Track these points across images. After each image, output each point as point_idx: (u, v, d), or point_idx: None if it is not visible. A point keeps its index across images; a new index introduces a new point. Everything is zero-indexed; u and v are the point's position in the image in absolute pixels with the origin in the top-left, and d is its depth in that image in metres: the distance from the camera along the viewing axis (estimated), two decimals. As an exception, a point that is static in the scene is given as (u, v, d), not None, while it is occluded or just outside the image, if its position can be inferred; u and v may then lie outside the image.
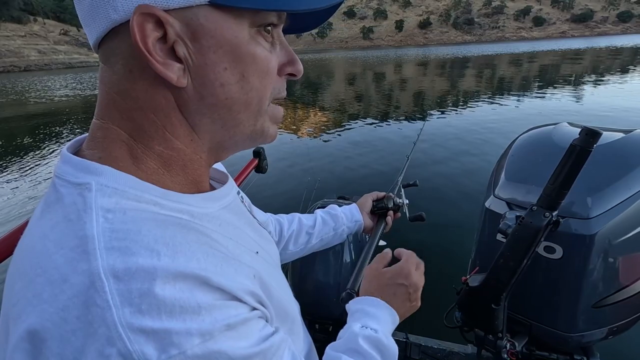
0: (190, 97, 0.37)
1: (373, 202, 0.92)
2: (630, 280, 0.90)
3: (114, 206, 0.32)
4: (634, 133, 0.98)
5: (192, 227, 0.37)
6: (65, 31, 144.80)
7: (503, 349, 0.87)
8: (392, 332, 0.59)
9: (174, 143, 0.39)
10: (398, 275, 0.64)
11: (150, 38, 0.33)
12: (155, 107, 0.37)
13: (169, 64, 0.35)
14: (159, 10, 0.33)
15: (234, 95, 0.39)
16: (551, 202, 0.74)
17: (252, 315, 0.35)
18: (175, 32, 0.34)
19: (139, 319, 0.27)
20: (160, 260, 0.30)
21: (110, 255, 0.29)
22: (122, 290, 0.27)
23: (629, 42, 51.15)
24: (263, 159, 1.31)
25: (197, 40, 0.35)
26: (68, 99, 16.63)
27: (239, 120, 0.41)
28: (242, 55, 0.37)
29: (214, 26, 0.35)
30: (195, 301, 0.30)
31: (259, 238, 0.53)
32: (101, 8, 0.34)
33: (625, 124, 5.36)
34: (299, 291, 1.13)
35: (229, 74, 0.37)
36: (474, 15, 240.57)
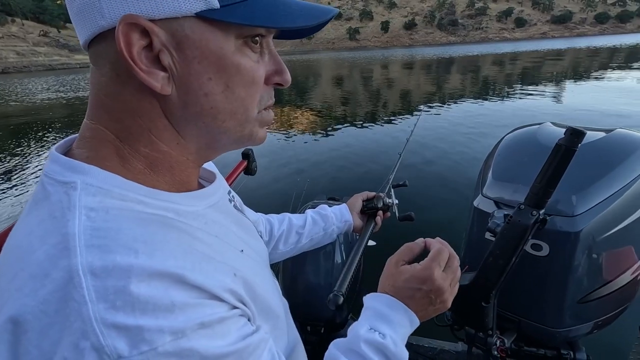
0: (174, 105, 0.38)
1: (363, 202, 0.92)
2: (614, 275, 0.93)
3: (97, 205, 0.33)
4: (614, 132, 1.01)
5: (174, 225, 0.37)
6: (45, 32, 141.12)
7: (493, 346, 0.88)
8: (408, 335, 0.55)
9: (159, 146, 0.40)
10: (415, 279, 0.55)
11: (136, 47, 0.34)
12: (140, 112, 0.38)
13: (154, 72, 0.35)
14: (145, 20, 0.33)
15: (219, 105, 0.39)
16: (538, 201, 0.75)
17: (231, 314, 0.36)
18: (160, 41, 0.35)
19: (113, 314, 0.28)
20: (137, 258, 0.31)
21: (90, 253, 0.30)
22: (98, 286, 0.28)
23: (606, 42, 52.78)
24: (252, 161, 1.30)
25: (182, 51, 0.36)
26: (50, 102, 16.19)
27: (224, 128, 0.41)
28: (226, 66, 0.38)
29: (200, 37, 0.36)
30: (169, 299, 0.30)
31: (246, 236, 0.53)
32: (89, 12, 0.34)
33: (605, 123, 5.52)
34: (290, 293, 1.13)
35: (213, 84, 0.38)
36: (457, 17, 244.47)
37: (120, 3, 0.33)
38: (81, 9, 0.35)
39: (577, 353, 1.01)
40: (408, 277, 0.56)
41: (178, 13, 0.34)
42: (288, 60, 62.02)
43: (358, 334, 0.52)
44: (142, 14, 0.33)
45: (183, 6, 0.34)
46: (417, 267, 0.56)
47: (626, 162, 0.92)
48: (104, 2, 0.33)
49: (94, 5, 0.34)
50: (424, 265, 0.56)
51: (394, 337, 0.52)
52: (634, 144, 0.97)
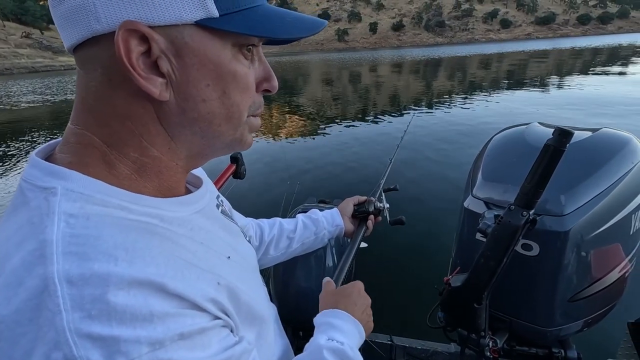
0: (171, 110, 0.38)
1: (354, 206, 0.92)
2: (602, 273, 0.94)
3: (78, 211, 0.32)
4: (600, 132, 1.02)
5: (158, 232, 0.36)
6: (28, 34, 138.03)
7: (486, 347, 0.88)
8: (358, 346, 0.60)
9: (150, 151, 0.39)
10: (355, 288, 0.67)
11: (134, 53, 0.33)
12: (133, 116, 0.37)
13: (152, 78, 0.35)
14: (144, 26, 0.33)
15: (216, 110, 0.40)
16: (528, 201, 0.75)
17: (212, 325, 0.35)
18: (159, 48, 0.35)
19: (88, 324, 0.27)
20: (117, 265, 0.30)
21: (67, 260, 0.29)
22: (74, 295, 0.28)
23: (589, 43, 54.09)
24: (241, 165, 1.28)
25: (181, 57, 0.36)
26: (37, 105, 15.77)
27: (219, 132, 0.42)
28: (223, 73, 0.39)
29: (198, 45, 0.36)
30: (148, 309, 0.30)
31: (234, 242, 0.53)
32: (81, 16, 0.34)
33: (590, 123, 5.64)
34: (281, 298, 1.11)
35: (210, 90, 0.38)
36: (444, 18, 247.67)
37: (119, 8, 0.33)
38: (71, 12, 0.34)
39: (568, 351, 1.01)
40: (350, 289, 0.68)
41: (178, 21, 0.34)
42: (277, 61, 61.99)
43: (319, 345, 0.55)
44: (142, 20, 0.33)
45: (183, 14, 0.34)
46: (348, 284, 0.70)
47: (612, 161, 0.94)
48: (99, 7, 0.33)
49: (88, 9, 0.33)
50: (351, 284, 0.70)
51: (350, 344, 0.57)
52: (619, 142, 0.99)
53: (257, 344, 0.46)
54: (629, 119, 6.29)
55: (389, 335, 1.26)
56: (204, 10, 0.35)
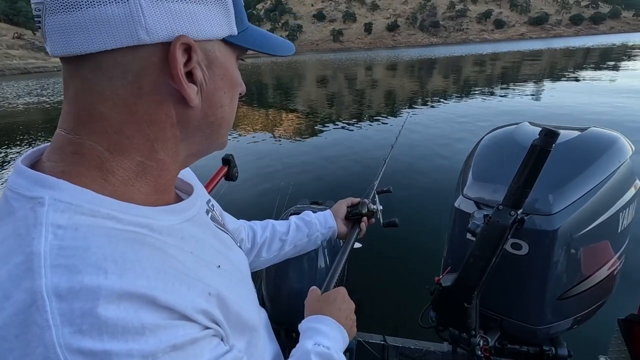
0: (195, 115, 0.42)
1: (347, 208, 0.92)
2: (591, 271, 0.95)
3: (66, 222, 0.32)
4: (588, 131, 1.03)
5: (147, 242, 0.36)
6: (19, 35, 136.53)
7: (477, 346, 0.89)
8: (342, 350, 0.62)
9: (158, 154, 0.40)
10: (342, 298, 0.69)
11: (181, 64, 0.37)
12: (153, 122, 0.39)
13: (190, 86, 0.39)
14: (192, 40, 0.37)
15: (226, 114, 0.45)
16: (516, 201, 0.76)
17: (203, 335, 0.35)
18: (197, 59, 0.39)
19: (79, 339, 0.27)
20: (106, 278, 0.30)
21: (55, 274, 0.28)
22: (64, 309, 0.27)
23: (581, 43, 54.64)
24: (233, 166, 1.28)
25: (211, 68, 0.41)
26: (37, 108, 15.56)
27: (220, 133, 0.47)
28: (234, 81, 0.45)
29: (224, 58, 0.42)
30: (139, 321, 0.30)
31: (225, 249, 0.52)
32: (124, 25, 0.34)
33: (580, 121, 5.70)
34: (274, 300, 1.11)
35: (226, 97, 0.44)
36: (439, 18, 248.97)
37: (170, 23, 0.35)
38: (105, 20, 0.33)
39: (559, 349, 1.02)
40: (334, 295, 0.69)
41: (213, 36, 0.40)
42: (274, 62, 61.85)
43: (306, 350, 0.57)
44: (188, 34, 0.37)
45: (217, 31, 0.40)
46: (333, 290, 0.72)
47: (600, 160, 0.94)
48: (150, 19, 0.34)
49: (136, 20, 0.34)
50: (336, 289, 0.72)
51: (336, 347, 0.59)
52: (607, 141, 1.00)
53: (247, 352, 0.46)
54: (619, 116, 6.37)
55: (382, 335, 1.27)
56: (229, 29, 0.41)
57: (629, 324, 1.20)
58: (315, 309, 0.67)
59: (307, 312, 0.68)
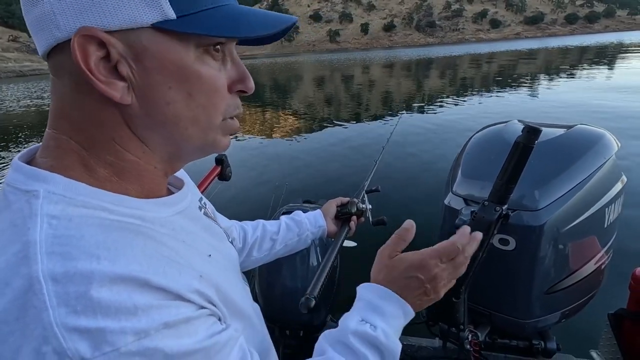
0: (136, 114, 0.38)
1: (337, 207, 0.93)
2: (578, 265, 0.97)
3: (60, 213, 0.33)
4: (574, 128, 1.05)
5: (140, 232, 0.37)
6: (15, 37, 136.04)
7: (465, 340, 0.90)
8: (403, 327, 0.53)
9: (125, 155, 0.40)
10: (412, 268, 0.54)
11: (93, 58, 0.34)
12: (102, 121, 0.38)
13: (112, 82, 0.35)
14: (100, 31, 0.33)
15: (181, 113, 0.39)
16: (501, 197, 0.77)
17: (198, 314, 0.36)
18: (117, 52, 0.35)
19: (74, 318, 0.28)
20: (99, 264, 0.31)
21: (51, 260, 0.30)
22: (60, 292, 0.29)
23: (576, 42, 54.90)
24: (226, 166, 1.29)
25: (140, 61, 0.36)
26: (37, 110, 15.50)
27: (187, 135, 0.41)
28: (187, 75, 0.38)
29: (157, 48, 0.36)
30: (131, 302, 0.31)
31: (216, 242, 0.53)
32: (46, 24, 0.34)
33: (573, 119, 5.72)
34: (267, 298, 1.12)
35: (174, 93, 0.38)
36: (435, 18, 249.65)
37: (76, 15, 0.33)
38: (38, 21, 0.35)
39: (548, 343, 1.04)
40: (407, 266, 0.55)
41: (134, 24, 0.34)
42: (269, 63, 61.77)
43: (347, 326, 0.51)
44: (98, 25, 0.33)
45: (138, 17, 0.34)
46: (416, 256, 0.55)
47: (586, 156, 0.96)
48: (59, 15, 0.33)
49: (49, 18, 0.34)
50: (424, 253, 0.55)
51: (386, 329, 0.50)
52: (593, 138, 1.02)
53: (244, 334, 0.45)
54: (611, 113, 6.41)
55: None
56: (159, 13, 0.35)
57: (618, 318, 1.22)
58: (382, 273, 0.56)
59: (373, 271, 0.58)
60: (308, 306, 0.63)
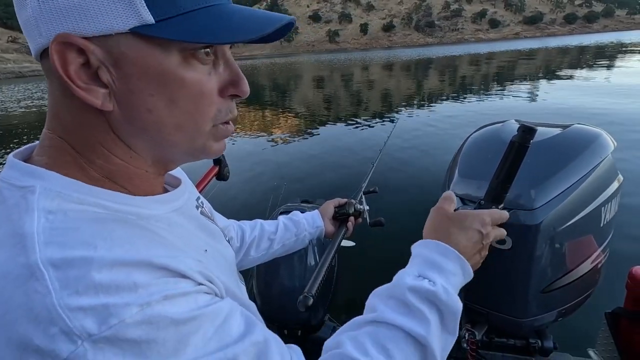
0: (119, 120, 0.38)
1: (335, 208, 0.93)
2: (575, 264, 0.97)
3: (56, 208, 0.34)
4: (571, 128, 1.05)
5: (137, 225, 0.38)
6: (14, 38, 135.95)
7: (462, 339, 0.90)
8: (460, 286, 0.52)
9: (112, 159, 0.40)
10: (476, 220, 0.55)
11: (72, 64, 0.34)
12: (89, 126, 0.38)
13: (93, 89, 0.35)
14: (77, 38, 0.33)
15: (164, 120, 0.39)
16: (496, 196, 0.77)
17: (197, 289, 0.36)
18: (97, 59, 0.35)
19: (76, 299, 0.29)
20: (96, 251, 0.31)
21: (49, 248, 0.30)
22: (60, 276, 0.29)
23: (575, 42, 54.94)
24: (224, 166, 1.29)
25: (120, 67, 0.35)
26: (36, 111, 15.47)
27: (172, 141, 0.41)
28: (168, 81, 0.37)
29: (137, 54, 0.35)
30: (132, 280, 0.31)
31: (212, 241, 0.53)
32: (30, 29, 0.35)
33: (569, 119, 5.74)
34: (265, 297, 1.13)
35: (155, 100, 0.37)
36: (434, 18, 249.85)
37: (54, 22, 0.33)
38: (25, 25, 0.36)
39: (545, 342, 1.04)
40: (472, 218, 0.56)
41: (111, 30, 0.34)
42: (268, 63, 61.73)
43: (403, 281, 0.48)
44: (75, 32, 0.33)
45: (114, 24, 0.34)
46: (480, 210, 0.60)
47: (582, 155, 0.96)
48: (40, 21, 0.34)
49: (33, 23, 0.34)
50: (484, 211, 0.60)
51: (446, 285, 0.48)
52: (589, 137, 1.02)
53: None
54: (608, 112, 6.42)
55: None
56: (136, 18, 0.34)
57: (615, 316, 1.22)
58: (440, 230, 0.55)
59: (427, 225, 0.58)
60: (306, 304, 0.63)
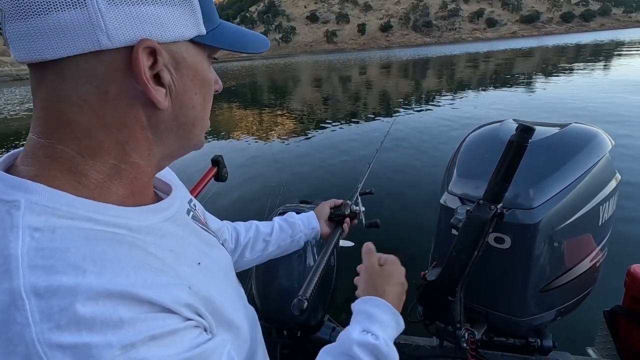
0: (165, 117, 0.42)
1: (331, 209, 0.93)
2: (574, 262, 0.97)
3: (43, 224, 0.32)
4: (569, 127, 1.05)
5: (126, 242, 0.37)
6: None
7: (462, 339, 0.90)
8: (394, 338, 0.57)
9: (131, 157, 0.41)
10: (401, 274, 0.64)
11: (146, 67, 0.37)
12: (122, 125, 0.39)
13: (157, 89, 0.39)
14: (156, 43, 0.37)
15: (199, 115, 0.45)
16: (495, 195, 0.78)
17: (185, 326, 0.36)
18: (163, 62, 0.38)
19: (57, 334, 0.27)
20: (85, 277, 0.30)
21: (33, 274, 0.29)
22: (42, 306, 0.28)
23: (572, 40, 55.12)
24: (222, 167, 1.29)
25: (179, 70, 0.41)
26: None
27: (194, 134, 0.47)
28: (205, 81, 0.45)
29: (192, 59, 0.42)
30: (117, 316, 0.30)
31: (206, 247, 0.53)
32: (84, 31, 0.34)
33: (567, 118, 5.75)
34: (263, 298, 1.12)
35: (197, 98, 0.44)
36: (431, 18, 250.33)
37: (132, 27, 0.35)
38: (63, 26, 0.33)
39: (544, 340, 1.04)
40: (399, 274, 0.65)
41: (180, 38, 0.39)
42: (267, 64, 61.71)
43: (350, 337, 0.53)
44: (152, 37, 0.36)
45: (184, 32, 0.39)
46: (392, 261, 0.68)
47: (580, 155, 0.97)
48: (110, 24, 0.34)
49: (96, 25, 0.33)
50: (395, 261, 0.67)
51: (386, 338, 0.54)
52: (587, 136, 1.02)
53: (233, 345, 0.45)
54: (605, 110, 6.44)
55: None
56: (197, 29, 0.41)
57: (613, 315, 1.23)
58: (377, 287, 0.62)
59: (363, 286, 0.64)
60: (300, 307, 0.62)
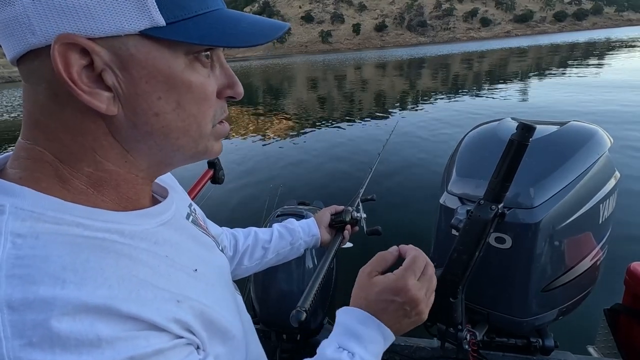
0: (122, 125, 0.36)
1: (331, 215, 0.91)
2: (574, 262, 0.96)
3: (27, 230, 0.31)
4: (568, 125, 1.05)
5: (114, 250, 0.35)
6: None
7: (464, 340, 0.89)
8: (383, 351, 0.52)
9: (104, 165, 0.38)
10: (389, 291, 0.52)
11: (75, 67, 0.32)
12: (83, 131, 0.35)
13: (97, 92, 0.33)
14: (83, 39, 0.31)
15: (171, 124, 0.38)
16: (496, 195, 0.77)
17: (172, 345, 0.34)
18: (102, 61, 0.33)
19: (29, 352, 0.26)
20: (63, 289, 0.29)
21: (10, 284, 0.28)
22: (16, 321, 0.27)
23: (565, 39, 55.57)
24: (219, 169, 1.27)
25: (127, 70, 0.34)
26: None
27: (178, 145, 0.40)
28: (176, 84, 0.37)
29: (145, 57, 0.34)
30: (95, 334, 0.28)
31: (204, 252, 0.51)
32: (17, 29, 0.32)
33: (564, 116, 5.80)
34: (263, 302, 1.11)
35: (163, 103, 0.36)
36: (426, 18, 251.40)
37: (55, 21, 0.31)
38: (7, 25, 0.32)
39: (546, 340, 1.04)
40: (381, 289, 0.53)
41: (120, 32, 0.32)
42: (262, 65, 61.65)
43: (324, 354, 0.49)
44: (80, 32, 0.31)
45: (125, 25, 0.32)
46: (391, 278, 0.53)
47: (579, 153, 0.96)
48: (34, 19, 0.31)
49: (22, 22, 0.31)
50: (397, 274, 0.53)
51: (364, 355, 0.49)
52: (586, 135, 1.02)
53: (227, 357, 0.44)
54: (602, 108, 6.49)
55: None
56: (148, 20, 0.33)
57: (614, 313, 1.23)
58: (367, 297, 0.54)
59: (355, 293, 0.56)
60: (299, 319, 0.59)
